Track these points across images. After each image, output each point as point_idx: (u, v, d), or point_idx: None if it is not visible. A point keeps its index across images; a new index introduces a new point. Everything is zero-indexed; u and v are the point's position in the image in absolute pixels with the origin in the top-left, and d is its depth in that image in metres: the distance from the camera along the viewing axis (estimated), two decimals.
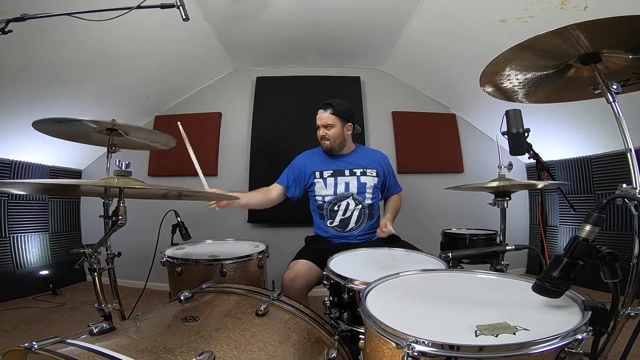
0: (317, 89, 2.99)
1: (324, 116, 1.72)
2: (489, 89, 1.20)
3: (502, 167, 1.45)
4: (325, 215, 1.71)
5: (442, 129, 3.14)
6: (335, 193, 1.71)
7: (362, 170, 1.74)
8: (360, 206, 1.70)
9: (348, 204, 1.70)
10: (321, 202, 1.73)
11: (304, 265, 1.43)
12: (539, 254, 1.24)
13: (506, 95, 1.23)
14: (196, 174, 3.01)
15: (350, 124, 1.76)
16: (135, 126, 1.37)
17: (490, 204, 1.52)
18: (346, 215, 1.69)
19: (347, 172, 1.73)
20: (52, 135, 1.42)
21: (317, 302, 1.20)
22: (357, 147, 1.85)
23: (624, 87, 0.97)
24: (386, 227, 1.52)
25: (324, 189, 1.72)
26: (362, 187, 1.71)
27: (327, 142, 1.72)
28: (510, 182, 1.38)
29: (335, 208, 1.70)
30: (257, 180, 2.90)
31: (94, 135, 1.43)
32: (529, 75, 1.10)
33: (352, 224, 1.69)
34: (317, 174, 1.75)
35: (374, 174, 1.75)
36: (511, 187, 1.45)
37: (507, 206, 1.47)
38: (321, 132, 1.72)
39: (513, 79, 1.12)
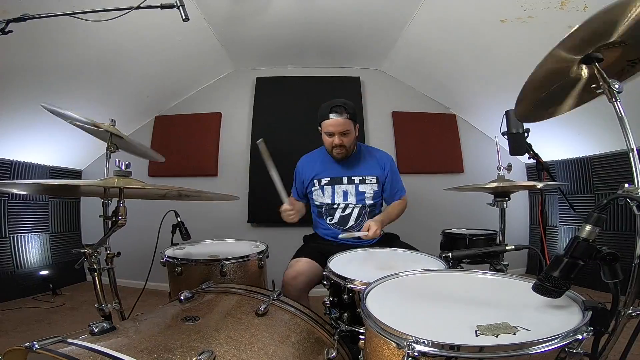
0: (317, 89, 2.99)
1: (341, 122, 1.51)
2: (528, 115, 1.19)
3: (502, 168, 1.45)
4: (324, 213, 1.70)
5: (442, 129, 3.14)
6: (332, 200, 1.66)
7: (360, 177, 1.66)
8: (360, 204, 1.67)
9: (347, 204, 1.67)
10: (319, 203, 1.72)
11: (305, 264, 1.42)
12: (539, 254, 1.24)
13: (545, 114, 1.22)
14: (195, 175, 3.03)
15: (357, 125, 1.63)
16: (129, 139, 1.39)
17: (490, 204, 1.52)
18: (346, 213, 1.67)
19: (345, 179, 1.65)
20: (60, 117, 1.41)
21: (317, 302, 1.21)
22: (358, 147, 1.73)
23: (620, 78, 0.96)
24: (369, 228, 1.41)
25: (321, 197, 1.69)
26: (360, 195, 1.65)
27: (344, 152, 1.58)
28: (510, 183, 1.39)
29: (334, 206, 1.68)
30: (257, 180, 2.90)
31: (95, 131, 1.43)
32: (550, 92, 1.09)
33: (351, 222, 1.66)
34: (316, 181, 1.69)
35: (373, 180, 1.66)
36: (510, 188, 1.45)
37: (506, 206, 1.47)
38: (337, 140, 1.53)
39: (539, 101, 1.11)
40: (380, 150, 1.81)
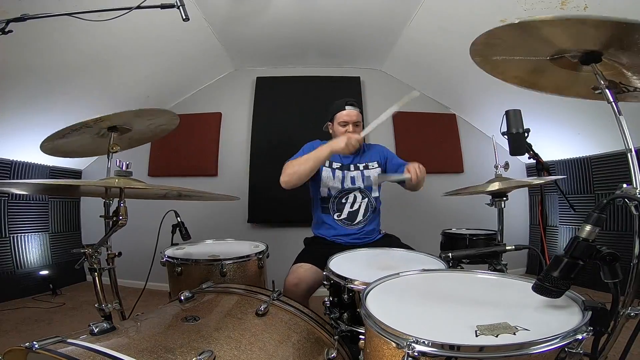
0: (317, 89, 3.00)
1: (355, 113, 1.69)
2: (478, 59, 1.19)
3: (499, 166, 1.45)
4: (331, 208, 1.69)
5: (442, 129, 3.14)
6: (342, 186, 1.69)
7: (364, 164, 1.75)
8: (367, 199, 1.69)
9: (355, 197, 1.69)
10: (326, 195, 1.70)
11: (307, 270, 1.41)
12: (539, 254, 1.24)
13: (495, 71, 1.21)
14: (195, 175, 3.03)
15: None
16: (136, 110, 1.34)
17: (488, 204, 1.52)
18: (354, 208, 1.68)
19: (352, 166, 1.73)
20: (58, 155, 1.44)
21: (317, 302, 1.21)
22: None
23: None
24: (409, 171, 1.46)
25: (331, 180, 1.69)
26: (367, 180, 1.71)
27: None
28: (508, 183, 1.38)
29: (343, 200, 1.68)
30: (257, 180, 2.90)
31: (97, 140, 1.43)
32: (527, 59, 1.08)
33: (359, 217, 1.67)
34: (327, 162, 1.69)
35: (375, 165, 1.76)
36: (508, 187, 1.45)
37: (504, 206, 1.47)
38: (351, 128, 1.67)
39: (504, 55, 1.11)
40: (373, 144, 1.95)
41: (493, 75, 1.20)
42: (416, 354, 0.55)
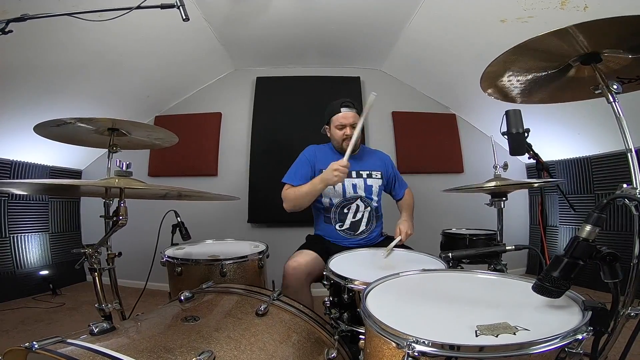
0: (317, 89, 3.00)
1: (352, 114, 1.64)
2: (490, 90, 1.20)
3: (498, 167, 1.45)
4: (333, 218, 1.65)
5: (442, 129, 3.14)
6: (344, 195, 1.64)
7: (368, 172, 1.70)
8: (369, 208, 1.66)
9: (358, 206, 1.65)
10: (328, 205, 1.66)
11: (308, 255, 1.42)
12: (539, 254, 1.24)
13: (508, 96, 1.23)
14: (195, 175, 3.03)
15: None
16: (136, 122, 1.36)
17: (488, 204, 1.52)
18: (357, 218, 1.65)
19: (353, 173, 1.67)
20: (53, 139, 1.43)
21: (317, 302, 1.21)
22: (361, 147, 1.80)
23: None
24: (400, 233, 1.47)
25: (332, 190, 1.64)
26: (368, 189, 1.67)
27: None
28: (507, 182, 1.39)
29: (345, 210, 1.64)
30: (257, 180, 2.90)
31: (96, 137, 1.43)
32: (529, 76, 1.10)
33: (362, 227, 1.65)
34: None
35: (379, 176, 1.71)
36: (507, 187, 1.45)
37: (503, 206, 1.47)
38: (348, 131, 1.63)
39: (514, 79, 1.12)
40: (378, 150, 1.91)
41: (512, 102, 1.25)
42: (416, 354, 0.55)
